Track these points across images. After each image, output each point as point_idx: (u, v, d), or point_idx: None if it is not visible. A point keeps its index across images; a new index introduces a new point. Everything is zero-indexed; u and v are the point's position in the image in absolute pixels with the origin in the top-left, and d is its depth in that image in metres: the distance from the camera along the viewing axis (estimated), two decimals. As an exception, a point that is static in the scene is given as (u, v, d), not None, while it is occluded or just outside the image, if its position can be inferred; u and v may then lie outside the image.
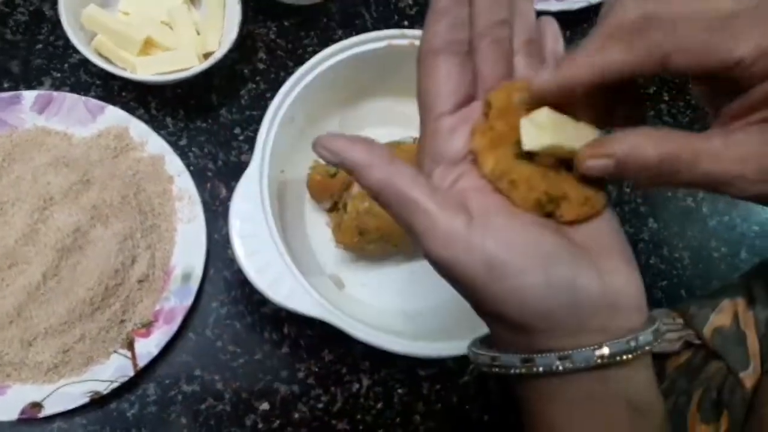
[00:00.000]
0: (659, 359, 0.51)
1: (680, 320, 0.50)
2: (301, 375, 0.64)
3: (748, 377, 0.46)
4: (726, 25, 0.30)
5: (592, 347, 0.33)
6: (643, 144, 0.31)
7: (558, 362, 0.33)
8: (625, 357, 0.33)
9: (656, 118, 0.81)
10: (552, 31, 0.39)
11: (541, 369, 0.33)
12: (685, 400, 0.48)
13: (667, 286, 0.73)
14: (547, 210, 0.34)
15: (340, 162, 0.34)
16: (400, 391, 0.65)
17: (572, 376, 0.33)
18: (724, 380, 0.46)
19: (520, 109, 0.35)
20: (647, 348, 0.33)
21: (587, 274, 0.33)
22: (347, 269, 0.67)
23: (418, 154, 0.37)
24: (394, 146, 0.63)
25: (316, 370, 0.64)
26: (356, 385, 0.64)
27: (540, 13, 0.83)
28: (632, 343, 0.33)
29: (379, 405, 0.64)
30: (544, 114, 0.34)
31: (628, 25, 0.31)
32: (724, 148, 0.31)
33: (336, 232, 0.64)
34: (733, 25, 0.30)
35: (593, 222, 0.35)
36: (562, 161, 0.34)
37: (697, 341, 0.49)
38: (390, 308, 0.66)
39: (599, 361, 0.32)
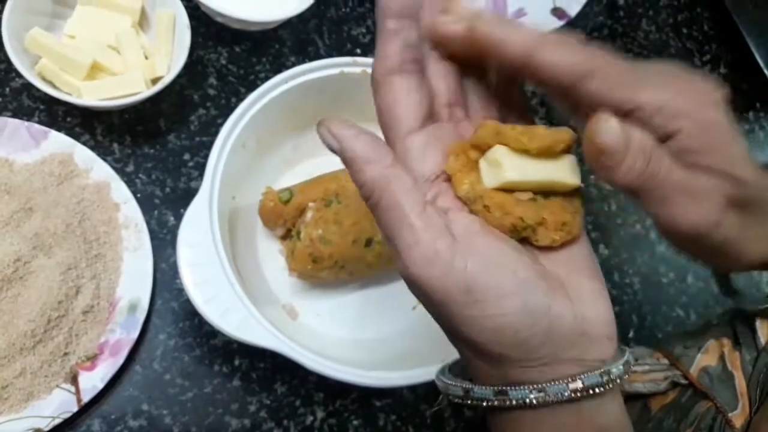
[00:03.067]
0: (643, 398, 0.52)
1: (665, 360, 0.51)
2: (252, 408, 0.62)
3: (737, 417, 0.46)
4: (636, 74, 0.33)
5: (565, 380, 0.32)
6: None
7: (531, 395, 0.33)
8: (597, 390, 0.32)
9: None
10: None
11: (514, 402, 0.33)
12: None
13: (618, 312, 0.73)
14: (522, 235, 0.34)
15: (340, 150, 0.33)
16: (355, 422, 0.64)
17: (545, 408, 0.33)
18: (714, 420, 0.47)
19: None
20: (618, 381, 0.33)
21: (561, 302, 0.33)
22: (301, 298, 0.65)
23: None
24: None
25: (269, 402, 0.63)
26: (310, 418, 0.63)
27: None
28: (604, 377, 0.33)
29: (334, 437, 0.63)
30: (498, 152, 0.34)
31: (570, 38, 0.33)
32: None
33: (289, 260, 0.63)
34: (642, 77, 0.33)
35: (567, 247, 0.35)
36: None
37: (684, 381, 0.50)
38: (344, 337, 0.65)
39: (573, 395, 0.32)
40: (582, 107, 0.34)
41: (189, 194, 0.64)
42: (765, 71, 0.85)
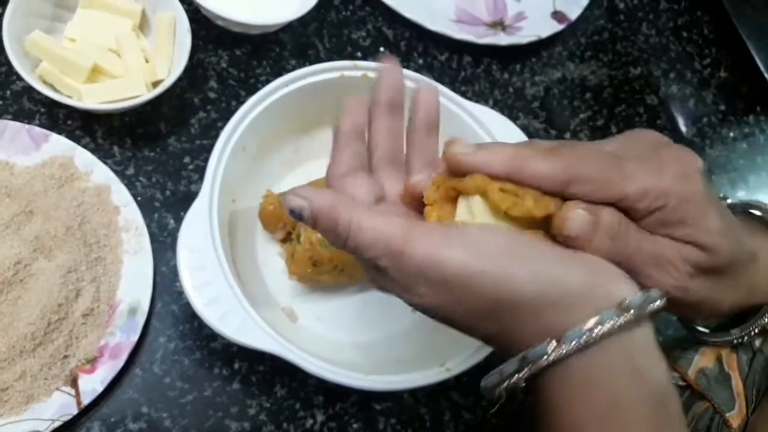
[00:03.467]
0: None
1: None
2: (252, 411, 0.62)
3: (734, 417, 0.47)
4: (618, 166, 0.36)
5: (613, 306, 0.33)
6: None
7: (587, 326, 0.33)
8: (642, 311, 0.34)
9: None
10: (426, 101, 0.43)
11: (572, 344, 0.33)
12: None
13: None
14: None
15: (303, 212, 0.37)
16: (355, 426, 0.63)
17: (596, 351, 0.33)
18: (711, 421, 0.47)
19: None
20: (659, 302, 0.34)
21: (569, 252, 0.36)
22: (301, 301, 0.65)
23: None
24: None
25: (268, 406, 0.62)
26: (310, 421, 0.63)
27: (490, 48, 0.85)
28: (644, 297, 0.34)
29: (333, 440, 0.63)
30: (476, 206, 0.36)
31: (546, 145, 0.37)
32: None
33: (289, 263, 0.63)
34: (624, 168, 0.36)
35: None
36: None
37: (682, 383, 0.50)
38: (344, 340, 0.65)
39: (624, 319, 0.33)
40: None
41: (189, 197, 0.64)
42: (765, 74, 0.86)
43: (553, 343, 0.34)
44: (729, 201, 0.48)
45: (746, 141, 0.88)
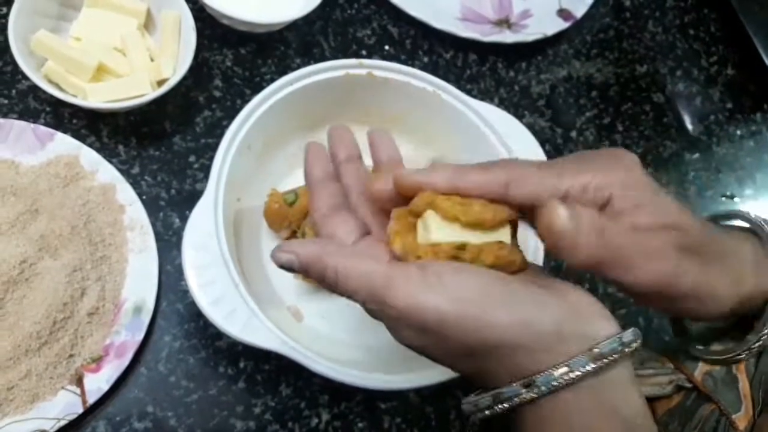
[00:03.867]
0: (649, 402, 0.52)
1: (670, 365, 0.51)
2: (257, 410, 0.62)
3: (741, 419, 0.47)
4: (552, 167, 0.38)
5: (584, 353, 0.34)
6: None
7: (557, 372, 0.34)
8: (614, 357, 0.34)
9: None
10: (383, 142, 0.47)
11: (543, 388, 0.34)
12: None
13: (625, 315, 0.73)
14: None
15: (293, 265, 0.39)
16: (360, 425, 0.63)
17: (569, 393, 0.35)
18: (717, 423, 0.47)
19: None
20: (633, 345, 0.35)
21: (543, 291, 0.36)
22: (306, 300, 0.65)
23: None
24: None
25: (273, 405, 0.62)
26: (315, 420, 0.63)
27: (495, 45, 0.85)
28: (616, 344, 0.35)
29: (339, 439, 0.63)
30: (429, 218, 0.37)
31: (484, 163, 0.39)
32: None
33: (294, 262, 0.63)
34: (559, 167, 0.38)
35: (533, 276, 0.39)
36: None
37: (689, 385, 0.50)
38: (349, 340, 0.64)
39: (594, 365, 0.34)
40: (523, 210, 0.39)
41: (194, 196, 0.64)
42: (772, 72, 0.85)
43: (522, 388, 0.35)
44: (705, 214, 0.49)
45: (753, 139, 0.88)
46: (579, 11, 0.84)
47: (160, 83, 0.66)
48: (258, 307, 0.54)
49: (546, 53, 0.85)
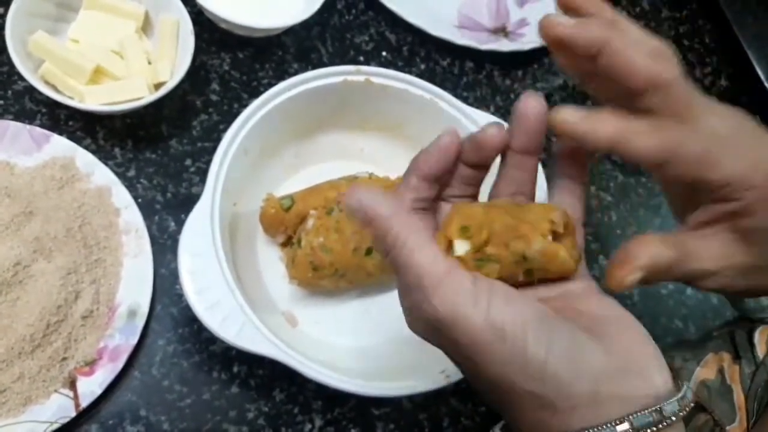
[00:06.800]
0: None
1: None
2: (251, 415, 0.62)
3: (735, 430, 0.47)
4: (714, 152, 0.36)
5: (612, 423, 0.31)
6: (662, 252, 0.36)
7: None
8: (650, 430, 0.31)
9: (606, 157, 0.82)
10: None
11: None
12: None
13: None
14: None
15: (362, 211, 0.36)
16: (353, 431, 0.63)
17: None
18: None
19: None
20: (673, 419, 0.32)
21: (588, 339, 0.33)
22: (301, 306, 0.65)
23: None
24: (352, 180, 0.63)
25: (267, 410, 0.62)
26: (308, 426, 0.63)
27: (492, 54, 0.85)
28: (655, 416, 0.31)
29: (331, 445, 0.63)
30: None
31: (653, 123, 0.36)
32: (704, 251, 0.37)
33: (289, 268, 0.63)
34: (719, 155, 0.36)
35: (586, 298, 0.37)
36: None
37: None
38: (344, 346, 0.64)
39: (660, 426, 0.31)
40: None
41: (190, 200, 0.64)
42: (765, 84, 0.86)
43: None
44: None
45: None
46: (575, 21, 0.84)
47: (158, 86, 0.66)
48: (253, 313, 0.54)
49: (542, 62, 0.85)
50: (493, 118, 0.68)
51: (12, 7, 0.63)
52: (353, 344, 0.65)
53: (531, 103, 0.37)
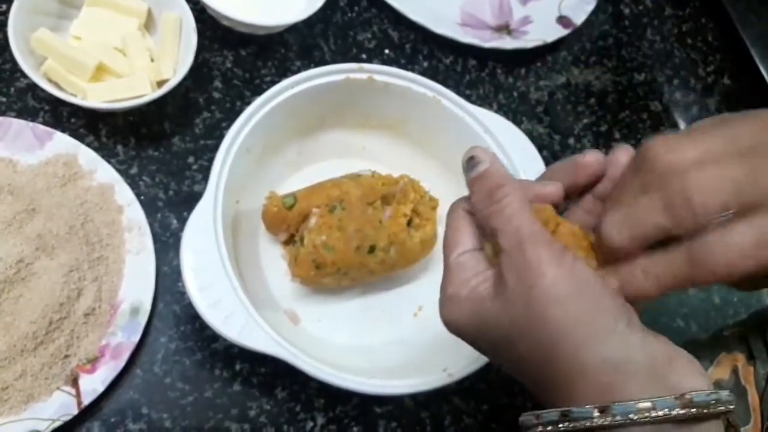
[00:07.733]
0: None
1: None
2: (252, 413, 0.62)
3: (749, 431, 0.46)
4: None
5: (675, 396, 0.32)
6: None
7: (639, 405, 0.32)
8: (704, 410, 0.32)
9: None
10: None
11: (618, 417, 0.32)
12: None
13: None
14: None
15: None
16: (355, 429, 0.63)
17: (649, 427, 0.32)
18: None
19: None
20: (729, 407, 0.33)
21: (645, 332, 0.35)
22: (303, 304, 0.65)
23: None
24: (355, 178, 0.63)
25: (269, 408, 0.62)
26: (310, 423, 0.63)
27: (495, 51, 0.85)
28: (712, 396, 0.32)
29: (333, 443, 0.63)
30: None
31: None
32: None
33: (292, 266, 0.63)
34: None
35: None
36: None
37: None
38: (346, 344, 0.64)
39: (680, 410, 0.32)
40: None
41: (192, 197, 0.64)
42: (769, 82, 0.86)
43: (597, 411, 0.33)
44: None
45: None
46: (579, 19, 0.84)
47: (160, 84, 0.65)
48: (255, 311, 0.54)
49: (545, 60, 0.85)
50: (496, 116, 0.68)
51: (14, 4, 0.62)
52: (355, 342, 0.65)
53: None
